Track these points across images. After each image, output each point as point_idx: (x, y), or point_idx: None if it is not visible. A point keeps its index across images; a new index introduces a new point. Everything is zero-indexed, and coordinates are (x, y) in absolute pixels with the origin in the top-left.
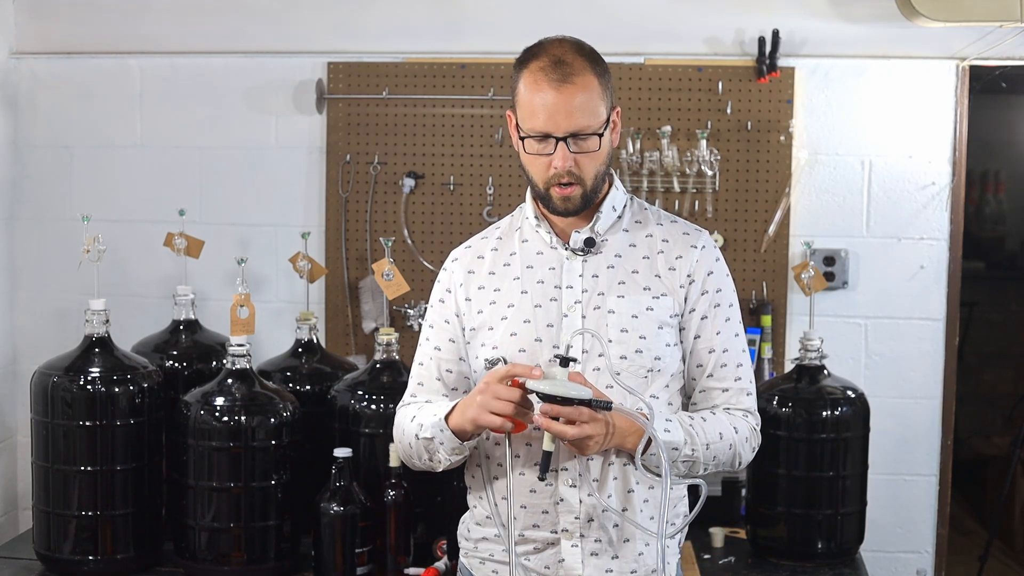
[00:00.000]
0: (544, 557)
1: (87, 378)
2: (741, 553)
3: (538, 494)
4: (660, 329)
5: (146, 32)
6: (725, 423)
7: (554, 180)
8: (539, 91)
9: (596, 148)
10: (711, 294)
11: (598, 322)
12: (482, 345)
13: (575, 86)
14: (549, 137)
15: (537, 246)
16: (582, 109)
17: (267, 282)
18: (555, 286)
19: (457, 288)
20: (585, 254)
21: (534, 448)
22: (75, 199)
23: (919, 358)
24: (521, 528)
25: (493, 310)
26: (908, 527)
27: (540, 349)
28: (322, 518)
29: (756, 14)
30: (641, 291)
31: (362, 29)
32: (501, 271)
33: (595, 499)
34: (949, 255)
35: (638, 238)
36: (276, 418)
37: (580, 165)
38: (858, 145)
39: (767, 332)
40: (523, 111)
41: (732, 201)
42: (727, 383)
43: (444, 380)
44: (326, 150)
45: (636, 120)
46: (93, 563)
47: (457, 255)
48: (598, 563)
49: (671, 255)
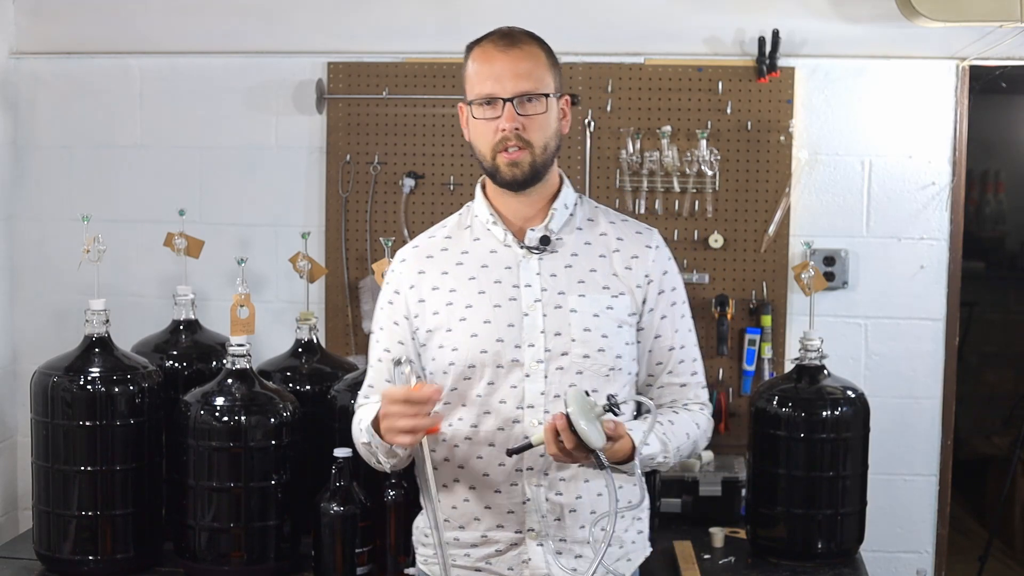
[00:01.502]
0: (508, 558)
1: (87, 378)
2: (741, 553)
3: (503, 494)
4: (620, 328)
5: (146, 32)
6: (689, 422)
7: (501, 145)
8: (487, 57)
9: (543, 111)
10: (668, 293)
11: (560, 321)
12: (440, 347)
13: (522, 51)
14: (496, 100)
15: (490, 244)
16: (529, 74)
17: (267, 282)
18: (513, 285)
19: (407, 290)
20: (541, 252)
21: (496, 449)
22: (75, 199)
23: (919, 358)
24: (484, 529)
25: (450, 311)
26: (908, 527)
27: (502, 349)
28: (322, 518)
29: (756, 14)
30: (600, 290)
31: (362, 29)
32: (455, 271)
33: (563, 498)
34: (949, 255)
35: (592, 236)
36: (276, 418)
37: (527, 129)
38: (858, 145)
39: (767, 332)
40: (471, 82)
41: (732, 201)
42: (685, 378)
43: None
44: (326, 150)
45: (636, 120)
46: (93, 563)
47: (405, 255)
48: (563, 561)
49: (626, 254)
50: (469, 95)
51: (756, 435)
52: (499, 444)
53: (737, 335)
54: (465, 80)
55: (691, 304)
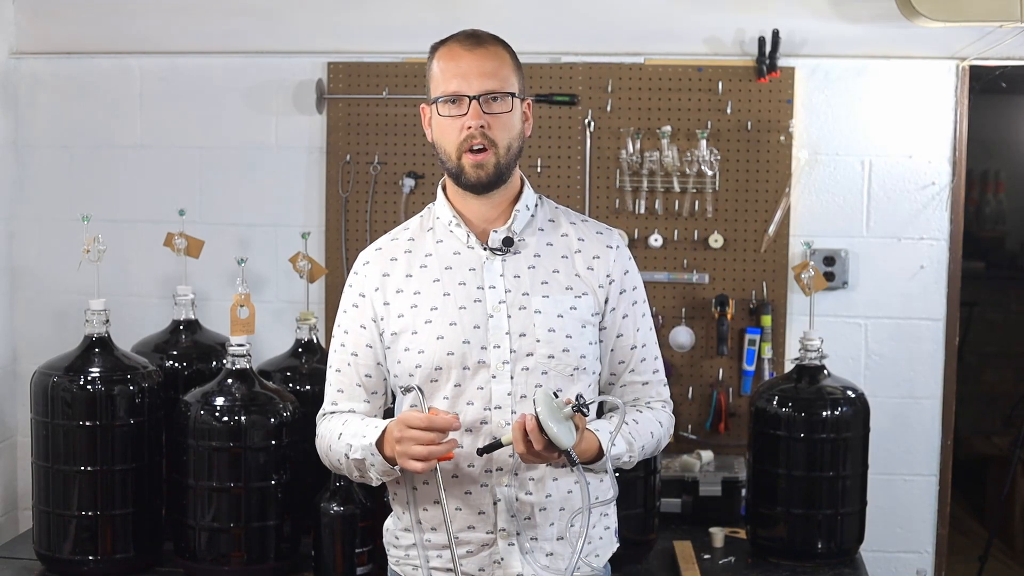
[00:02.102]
0: (479, 559)
1: (87, 378)
2: (741, 553)
3: (474, 496)
4: (583, 328)
5: (146, 32)
6: (652, 420)
7: (466, 144)
8: (452, 56)
9: (508, 110)
10: (629, 292)
11: (525, 322)
12: (405, 350)
13: (487, 51)
14: (462, 97)
15: (453, 246)
16: (494, 73)
17: (267, 282)
18: (477, 287)
19: (372, 292)
20: (504, 254)
21: (465, 451)
22: (75, 199)
23: (919, 358)
24: (455, 531)
25: (415, 314)
26: (908, 527)
27: (468, 351)
28: (322, 518)
29: (756, 14)
30: (564, 291)
31: (362, 29)
32: (419, 273)
33: (532, 497)
34: (949, 255)
35: (554, 237)
36: (276, 418)
37: (492, 128)
38: (858, 145)
39: (767, 332)
40: (436, 81)
41: (732, 201)
42: (647, 376)
43: (364, 385)
44: (326, 150)
45: (636, 120)
46: (93, 563)
47: (368, 258)
48: (534, 559)
49: (588, 255)
50: (434, 93)
51: (756, 435)
52: (467, 446)
53: (737, 335)
54: (430, 79)
55: (691, 304)
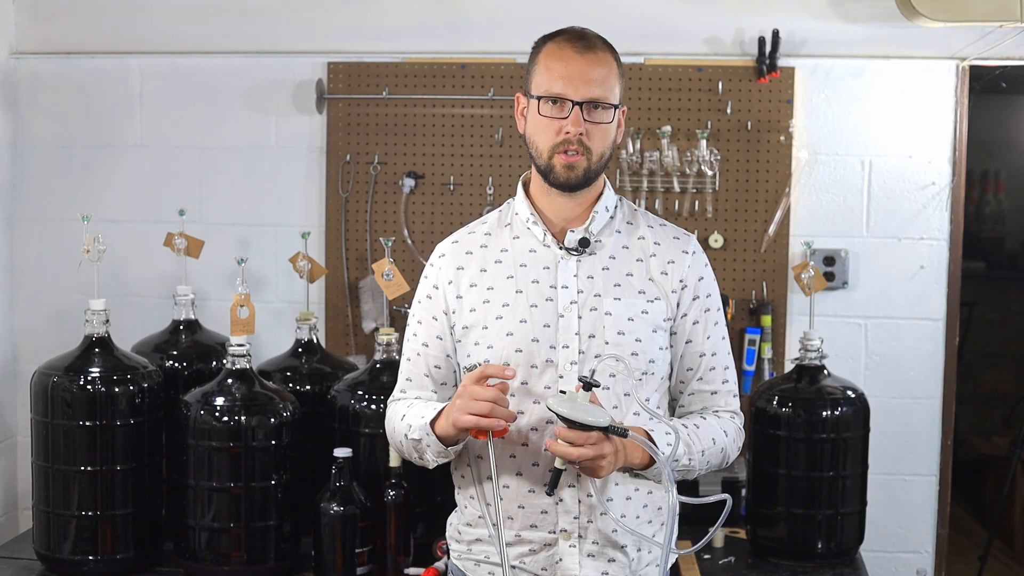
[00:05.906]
0: (540, 559)
1: (87, 378)
2: (741, 553)
3: (537, 494)
4: (654, 332)
5: (146, 32)
6: (716, 427)
7: (561, 147)
8: (561, 56)
9: (609, 121)
10: (702, 299)
11: (595, 323)
12: (475, 344)
13: (597, 57)
14: (565, 101)
15: (529, 243)
16: (601, 81)
17: (267, 282)
18: (550, 286)
19: (446, 285)
20: (580, 254)
21: (531, 448)
22: (75, 199)
23: (919, 358)
24: (518, 529)
25: (487, 309)
26: (908, 527)
27: (537, 349)
28: (322, 518)
29: (756, 14)
30: (636, 294)
31: (362, 29)
32: (493, 268)
33: (595, 500)
34: (949, 255)
35: (630, 240)
36: (276, 418)
37: (590, 136)
38: (858, 145)
39: (767, 332)
40: (540, 77)
41: (732, 201)
42: (715, 386)
43: (433, 376)
44: (326, 150)
45: (636, 120)
46: (93, 563)
47: (444, 250)
48: (595, 564)
49: (663, 259)
50: (535, 90)
51: (756, 435)
52: (532, 443)
53: (737, 335)
54: (532, 73)
55: None
